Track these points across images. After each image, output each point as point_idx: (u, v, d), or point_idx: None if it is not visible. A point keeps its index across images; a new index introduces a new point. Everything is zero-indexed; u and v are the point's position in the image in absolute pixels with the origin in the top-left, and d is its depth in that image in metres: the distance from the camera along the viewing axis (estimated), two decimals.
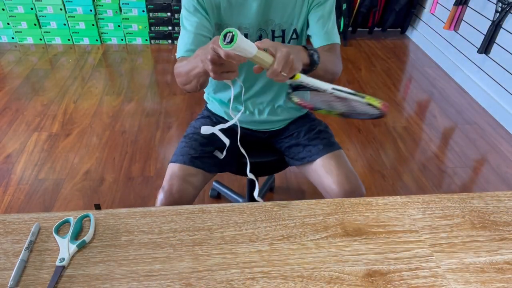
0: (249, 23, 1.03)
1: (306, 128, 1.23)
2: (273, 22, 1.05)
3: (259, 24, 1.04)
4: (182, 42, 1.00)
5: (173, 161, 1.10)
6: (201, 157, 1.12)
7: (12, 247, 0.70)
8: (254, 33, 1.06)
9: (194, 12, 0.99)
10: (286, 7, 1.04)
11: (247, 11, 1.02)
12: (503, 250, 0.73)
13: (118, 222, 0.76)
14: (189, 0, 1.00)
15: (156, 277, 0.66)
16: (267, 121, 1.22)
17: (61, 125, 2.29)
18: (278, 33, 1.07)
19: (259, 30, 1.06)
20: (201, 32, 0.99)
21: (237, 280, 0.66)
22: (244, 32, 1.04)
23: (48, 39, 3.26)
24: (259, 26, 1.05)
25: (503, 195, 0.87)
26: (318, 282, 0.66)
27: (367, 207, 0.82)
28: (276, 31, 1.06)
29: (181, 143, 1.17)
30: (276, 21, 1.05)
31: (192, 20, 0.99)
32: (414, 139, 2.32)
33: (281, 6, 1.04)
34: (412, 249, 0.72)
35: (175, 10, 3.21)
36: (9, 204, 1.75)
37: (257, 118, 1.21)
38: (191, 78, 0.88)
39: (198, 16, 0.99)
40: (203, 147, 1.14)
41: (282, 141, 1.26)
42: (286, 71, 0.74)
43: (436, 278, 0.67)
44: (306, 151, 1.16)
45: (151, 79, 2.84)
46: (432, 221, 0.79)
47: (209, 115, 1.27)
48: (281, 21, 1.05)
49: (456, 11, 2.91)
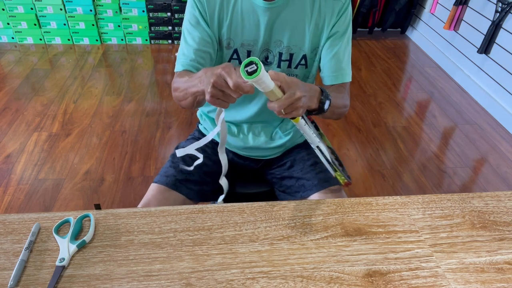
0: (254, 40, 0.96)
1: (300, 158, 1.11)
2: (281, 43, 0.97)
3: (266, 44, 0.97)
4: (182, 55, 0.96)
5: (155, 181, 1.02)
6: (186, 181, 1.03)
7: (12, 247, 0.70)
8: (258, 52, 0.98)
9: (196, 25, 0.94)
10: (295, 28, 0.95)
11: (251, 27, 0.94)
12: (503, 250, 0.73)
13: (118, 222, 0.76)
14: (191, 12, 0.95)
15: (156, 277, 0.66)
16: (262, 147, 1.11)
17: (61, 125, 2.29)
18: (286, 56, 0.98)
19: (265, 50, 0.98)
20: (203, 48, 0.94)
21: (237, 280, 0.66)
22: (247, 49, 0.97)
23: (48, 39, 3.26)
24: (265, 46, 0.97)
25: (503, 195, 0.87)
26: (318, 282, 0.66)
27: (367, 207, 0.82)
28: (283, 54, 0.98)
29: (168, 162, 1.08)
30: (285, 42, 0.96)
31: (194, 34, 0.94)
32: (414, 139, 2.32)
33: (291, 27, 0.95)
34: (412, 249, 0.72)
35: (175, 10, 3.21)
36: (9, 204, 1.75)
37: (251, 143, 1.10)
38: (188, 95, 0.84)
39: (200, 29, 0.94)
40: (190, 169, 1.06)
41: (273, 172, 1.15)
42: (287, 111, 0.72)
43: (436, 278, 0.67)
44: (299, 185, 1.05)
45: (151, 79, 2.84)
46: (432, 221, 0.79)
47: (200, 137, 1.18)
48: (289, 43, 0.96)
49: (456, 11, 2.91)
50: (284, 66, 1.00)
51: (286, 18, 0.93)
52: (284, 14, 0.93)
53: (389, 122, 2.47)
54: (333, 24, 0.96)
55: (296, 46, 0.97)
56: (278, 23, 0.94)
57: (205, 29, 0.94)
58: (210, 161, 1.12)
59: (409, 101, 2.73)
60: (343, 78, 1.01)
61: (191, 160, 1.10)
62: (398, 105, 2.66)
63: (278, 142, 1.12)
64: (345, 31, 0.99)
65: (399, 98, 2.75)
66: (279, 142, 1.12)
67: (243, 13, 0.93)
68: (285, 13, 0.93)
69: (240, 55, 0.98)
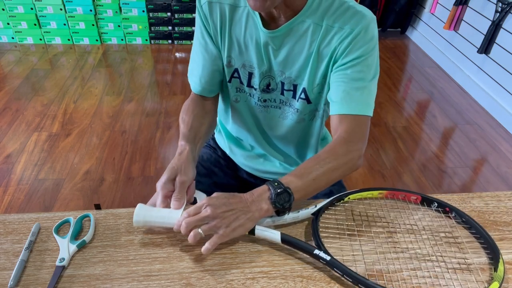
0: (255, 63, 0.90)
1: None
2: (283, 73, 0.89)
3: (267, 71, 0.90)
4: (193, 75, 0.95)
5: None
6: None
7: (12, 247, 0.70)
8: (259, 76, 0.91)
9: (202, 42, 0.91)
10: (296, 59, 0.86)
11: (253, 50, 0.88)
12: (503, 250, 0.73)
13: (118, 222, 0.76)
14: (199, 26, 0.91)
15: (156, 277, 0.66)
16: (276, 172, 1.07)
17: (61, 125, 2.29)
18: (288, 86, 0.91)
19: (267, 77, 0.91)
20: (210, 67, 0.92)
21: (237, 280, 0.66)
22: (249, 71, 0.91)
23: (48, 39, 3.26)
24: (267, 73, 0.90)
25: (503, 195, 0.86)
26: (318, 282, 0.66)
27: (367, 207, 0.82)
28: (285, 84, 0.91)
29: None
30: (286, 73, 0.89)
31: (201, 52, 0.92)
32: (414, 139, 2.32)
33: (292, 57, 0.86)
34: (412, 249, 0.72)
35: (175, 10, 3.21)
36: (9, 204, 1.75)
37: (262, 166, 1.07)
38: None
39: (207, 47, 0.91)
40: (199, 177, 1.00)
41: None
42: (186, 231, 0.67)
43: (436, 278, 0.67)
44: None
45: (151, 79, 2.84)
46: (432, 221, 0.79)
47: (215, 147, 1.16)
48: (291, 74, 0.89)
49: (456, 11, 2.91)
50: (288, 95, 0.93)
51: (288, 48, 0.86)
52: (286, 43, 0.85)
53: (389, 122, 2.47)
54: (342, 54, 0.81)
55: (299, 78, 0.89)
56: (279, 53, 0.87)
57: (210, 45, 0.91)
58: (222, 172, 1.11)
59: (409, 101, 2.73)
60: (354, 109, 0.81)
61: (203, 168, 1.09)
62: (398, 105, 2.66)
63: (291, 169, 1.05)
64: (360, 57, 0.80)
65: (399, 98, 2.75)
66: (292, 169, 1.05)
67: (245, 33, 0.87)
68: (287, 43, 0.85)
69: (241, 75, 0.93)
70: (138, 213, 0.71)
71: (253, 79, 0.92)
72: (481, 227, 0.75)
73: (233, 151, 1.11)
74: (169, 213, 0.72)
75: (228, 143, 1.11)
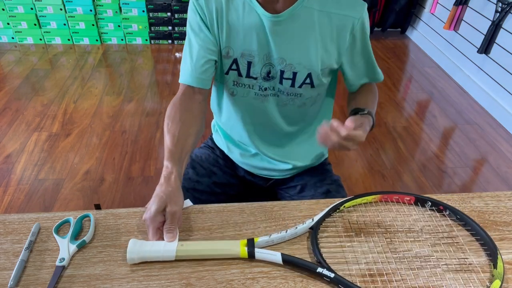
0: (254, 51, 0.89)
1: (312, 183, 1.07)
2: (284, 61, 0.89)
3: (267, 58, 0.90)
4: (184, 66, 0.91)
5: None
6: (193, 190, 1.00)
7: (12, 247, 0.70)
8: (259, 63, 0.90)
9: (198, 32, 0.89)
10: (300, 46, 0.88)
11: (252, 37, 0.87)
12: (503, 250, 0.73)
13: (118, 222, 0.76)
14: (192, 17, 0.89)
15: (156, 277, 0.66)
16: (272, 168, 1.08)
17: (61, 125, 2.29)
18: (288, 75, 0.91)
19: (267, 64, 0.90)
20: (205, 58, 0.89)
21: (237, 280, 0.66)
22: (248, 60, 0.90)
23: (48, 39, 3.26)
24: (267, 60, 0.90)
25: (503, 195, 0.86)
26: (318, 282, 0.66)
27: (367, 207, 0.82)
28: (285, 73, 0.91)
29: None
30: (287, 60, 0.89)
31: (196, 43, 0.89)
32: (414, 139, 2.32)
33: (295, 44, 0.87)
34: (412, 249, 0.72)
35: (175, 10, 3.21)
36: (9, 204, 1.75)
37: (259, 163, 1.08)
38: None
39: (202, 37, 0.89)
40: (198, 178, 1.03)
41: (282, 192, 1.12)
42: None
43: (436, 278, 0.67)
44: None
45: (151, 79, 2.84)
46: (432, 221, 0.79)
47: (213, 147, 1.15)
48: (292, 61, 0.89)
49: (456, 11, 2.91)
50: (287, 84, 0.93)
51: (291, 35, 0.86)
52: (288, 29, 0.85)
53: (389, 122, 2.47)
54: (349, 42, 0.90)
55: (300, 65, 0.89)
56: (281, 39, 0.86)
57: (207, 35, 0.88)
58: (221, 171, 1.11)
59: (409, 101, 2.73)
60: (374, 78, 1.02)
61: (202, 168, 1.09)
62: (398, 105, 2.66)
63: (288, 166, 1.07)
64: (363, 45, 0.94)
65: (399, 98, 2.75)
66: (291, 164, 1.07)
67: (244, 19, 0.86)
68: (290, 28, 0.85)
69: (240, 66, 0.91)
70: (131, 250, 0.67)
71: (253, 68, 0.91)
72: (477, 224, 0.75)
73: (230, 149, 1.11)
74: (164, 246, 0.69)
75: (225, 142, 1.11)
